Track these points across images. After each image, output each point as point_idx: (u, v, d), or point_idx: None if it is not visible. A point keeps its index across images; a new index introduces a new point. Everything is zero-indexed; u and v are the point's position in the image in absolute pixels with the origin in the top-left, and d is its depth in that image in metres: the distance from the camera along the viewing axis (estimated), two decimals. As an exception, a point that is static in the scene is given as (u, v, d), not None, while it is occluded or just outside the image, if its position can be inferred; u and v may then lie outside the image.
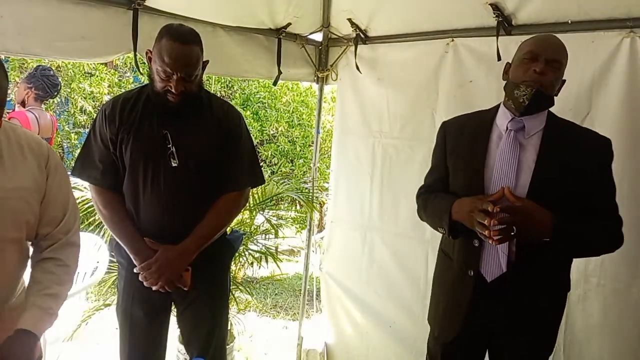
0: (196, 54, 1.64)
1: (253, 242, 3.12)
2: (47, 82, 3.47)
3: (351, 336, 2.97)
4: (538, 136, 1.52)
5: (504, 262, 1.51)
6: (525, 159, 1.50)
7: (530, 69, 1.47)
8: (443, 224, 1.57)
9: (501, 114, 1.60)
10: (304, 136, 6.01)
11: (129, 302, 1.82)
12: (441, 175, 1.71)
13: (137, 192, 1.73)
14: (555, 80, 1.50)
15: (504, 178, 1.49)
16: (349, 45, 2.80)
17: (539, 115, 1.53)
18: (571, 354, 2.15)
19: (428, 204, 1.70)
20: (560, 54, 1.50)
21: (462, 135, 1.65)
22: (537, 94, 1.46)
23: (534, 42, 1.53)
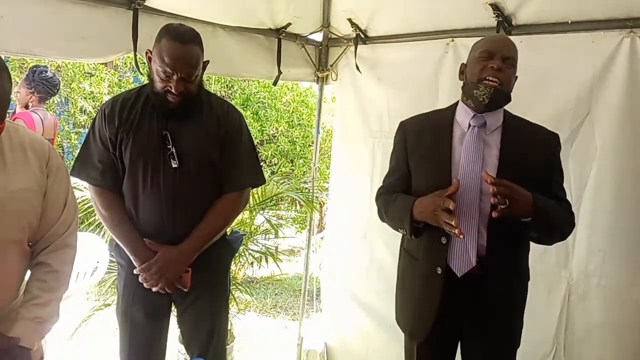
0: (196, 54, 1.64)
1: (253, 242, 3.12)
2: (47, 84, 3.48)
3: (351, 336, 2.96)
4: (498, 132, 1.59)
5: (473, 256, 1.54)
6: (488, 154, 1.56)
7: (487, 67, 1.53)
8: (404, 225, 1.58)
9: (461, 111, 1.64)
10: (304, 136, 6.01)
11: (129, 303, 1.82)
12: (403, 175, 1.72)
13: (136, 192, 1.73)
14: (511, 77, 1.55)
15: (470, 173, 1.54)
16: (349, 45, 2.80)
17: (497, 112, 1.60)
18: (571, 353, 2.15)
19: (389, 206, 1.70)
20: (513, 52, 1.57)
21: (423, 135, 1.68)
22: (496, 92, 1.52)
23: (489, 41, 1.60)
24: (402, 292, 1.79)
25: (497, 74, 1.51)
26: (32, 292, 1.37)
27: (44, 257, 1.41)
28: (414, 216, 1.54)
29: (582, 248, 2.08)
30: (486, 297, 1.57)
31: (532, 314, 2.21)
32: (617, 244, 2.00)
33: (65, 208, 1.43)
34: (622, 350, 2.03)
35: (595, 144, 2.02)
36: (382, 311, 2.78)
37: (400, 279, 1.80)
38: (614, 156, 1.98)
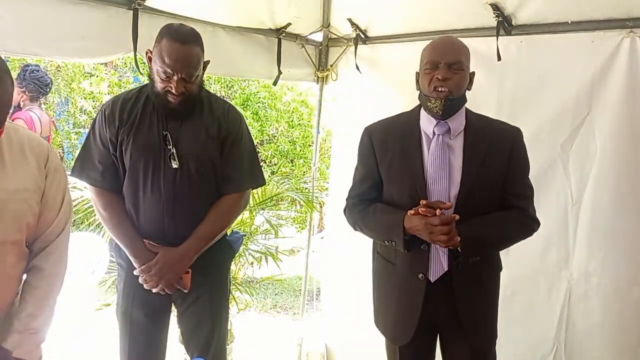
0: (197, 55, 1.64)
1: (253, 242, 3.12)
2: (38, 83, 3.48)
3: (351, 336, 2.96)
4: (461, 135, 1.61)
5: (445, 262, 1.57)
6: (454, 159, 1.58)
7: (433, 78, 1.54)
8: (394, 239, 1.58)
9: (424, 119, 1.65)
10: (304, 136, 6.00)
11: (129, 303, 1.82)
12: (374, 183, 1.71)
13: (136, 193, 1.73)
14: (461, 80, 1.56)
15: (438, 180, 1.57)
16: (349, 45, 2.80)
17: (459, 114, 1.61)
18: (572, 353, 2.15)
19: (368, 218, 1.69)
20: (459, 54, 1.56)
21: (390, 140, 1.68)
22: (447, 103, 1.54)
23: (431, 50, 1.59)
24: (380, 296, 1.79)
25: (443, 84, 1.52)
26: (25, 301, 1.37)
27: (38, 260, 1.40)
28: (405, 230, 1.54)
29: (582, 248, 2.08)
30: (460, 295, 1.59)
31: (532, 314, 2.22)
32: (617, 244, 2.00)
33: (62, 208, 1.43)
34: (622, 350, 2.03)
35: (595, 144, 2.02)
36: (382, 311, 2.78)
37: (377, 282, 1.80)
38: (614, 156, 1.98)
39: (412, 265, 1.61)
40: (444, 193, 1.56)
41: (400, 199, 1.62)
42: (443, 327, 1.69)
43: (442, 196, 1.56)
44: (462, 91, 1.58)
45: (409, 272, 1.62)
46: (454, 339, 1.69)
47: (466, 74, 1.58)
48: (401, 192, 1.63)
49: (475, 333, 1.64)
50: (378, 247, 1.78)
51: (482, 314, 1.66)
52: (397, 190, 1.65)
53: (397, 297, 1.68)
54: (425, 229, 1.47)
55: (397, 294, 1.68)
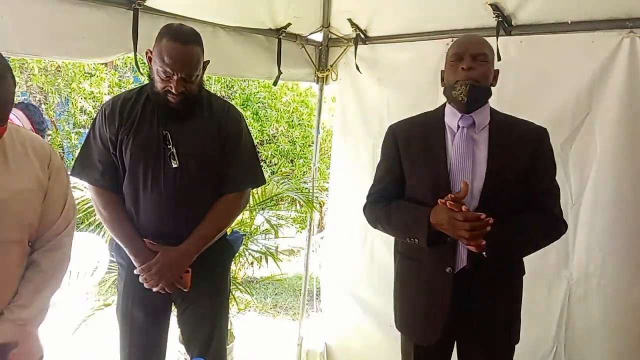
0: (197, 55, 1.64)
1: (253, 242, 3.12)
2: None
3: (351, 336, 2.96)
4: (486, 130, 1.60)
5: (465, 256, 1.56)
6: (478, 153, 1.57)
7: (458, 69, 1.56)
8: (418, 235, 1.57)
9: (449, 113, 1.65)
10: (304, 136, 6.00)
11: (129, 303, 1.82)
12: (395, 180, 1.71)
13: (137, 192, 1.73)
14: (486, 71, 1.57)
15: (462, 173, 1.56)
16: (349, 45, 2.80)
17: (484, 109, 1.61)
18: (572, 353, 2.15)
19: (392, 215, 1.67)
20: (483, 47, 1.58)
21: (414, 138, 1.68)
22: (472, 89, 1.54)
23: (456, 44, 1.62)
24: (404, 297, 1.75)
25: (468, 73, 1.54)
26: (19, 292, 1.37)
27: (37, 255, 1.41)
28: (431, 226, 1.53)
29: (582, 248, 2.08)
30: (478, 294, 1.57)
31: (532, 314, 2.21)
32: (617, 244, 2.00)
33: (64, 209, 1.43)
34: (622, 350, 2.03)
35: (595, 144, 2.02)
36: (382, 311, 2.77)
37: (399, 284, 1.77)
38: (614, 156, 1.98)
39: (439, 259, 1.59)
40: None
41: (423, 193, 1.60)
42: (461, 328, 1.64)
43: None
44: (487, 82, 1.58)
45: (435, 267, 1.60)
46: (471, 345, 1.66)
47: (491, 68, 1.59)
48: (424, 185, 1.62)
49: (490, 335, 1.61)
50: (399, 246, 1.75)
51: (501, 317, 1.62)
52: (419, 184, 1.64)
53: (424, 294, 1.65)
54: (449, 223, 1.46)
55: (424, 291, 1.65)
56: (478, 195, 1.53)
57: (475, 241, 1.44)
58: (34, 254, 1.41)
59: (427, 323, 1.66)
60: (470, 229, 1.42)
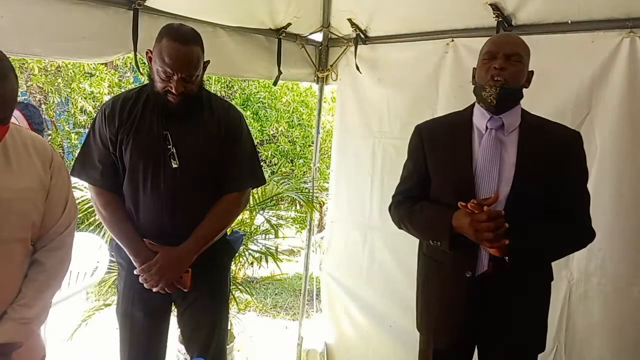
0: (197, 55, 1.64)
1: (253, 242, 3.12)
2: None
3: (351, 336, 2.96)
4: (516, 133, 1.56)
5: (486, 260, 1.54)
6: (506, 155, 1.53)
7: (490, 67, 1.52)
8: (440, 238, 1.55)
9: (478, 113, 1.61)
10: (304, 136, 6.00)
11: (129, 303, 1.82)
12: (421, 180, 1.69)
13: (137, 192, 1.73)
14: (518, 72, 1.53)
15: (488, 176, 1.53)
16: (349, 45, 2.80)
17: (514, 111, 1.57)
18: (572, 353, 2.15)
19: (414, 216, 1.66)
20: (518, 47, 1.54)
21: (441, 138, 1.66)
22: (502, 91, 1.50)
23: (491, 42, 1.58)
24: (426, 298, 1.75)
25: (500, 73, 1.49)
26: (22, 292, 1.37)
27: (40, 255, 1.41)
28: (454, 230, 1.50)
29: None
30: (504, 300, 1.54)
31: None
32: (617, 244, 2.00)
33: (66, 208, 1.44)
34: (622, 350, 2.03)
35: (595, 144, 2.02)
36: (382, 311, 2.78)
37: (422, 284, 1.77)
38: (613, 156, 1.98)
39: (460, 263, 1.57)
40: (493, 188, 1.51)
41: (447, 195, 1.58)
42: (481, 334, 1.63)
43: (490, 192, 1.50)
44: (518, 84, 1.54)
45: (456, 270, 1.58)
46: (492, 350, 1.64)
47: (524, 69, 1.55)
48: (448, 187, 1.60)
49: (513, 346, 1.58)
50: (424, 247, 1.74)
51: (524, 325, 1.58)
52: (443, 186, 1.62)
53: (443, 296, 1.64)
54: (471, 227, 1.43)
55: (443, 293, 1.64)
56: (504, 200, 1.49)
57: (499, 242, 1.40)
58: (36, 253, 1.41)
59: (443, 325, 1.65)
60: (495, 228, 1.39)
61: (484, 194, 1.51)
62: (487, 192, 1.51)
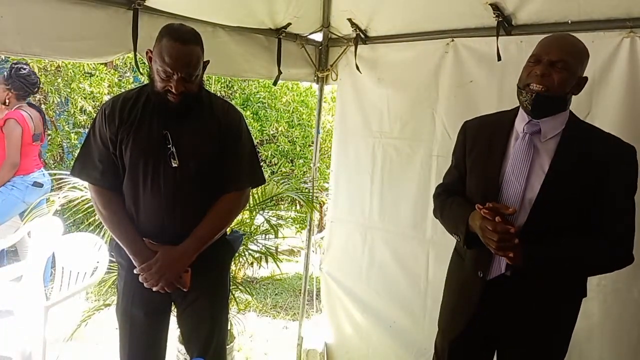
0: (196, 54, 1.64)
1: (253, 242, 3.11)
2: (24, 81, 3.46)
3: (351, 336, 2.96)
4: (555, 140, 1.50)
5: (503, 264, 1.53)
6: (538, 162, 1.49)
7: (532, 72, 1.48)
8: (459, 234, 1.59)
9: (520, 116, 1.58)
10: (304, 136, 5.99)
11: (129, 303, 1.82)
12: (460, 175, 1.72)
13: (137, 192, 1.73)
14: (561, 80, 1.45)
15: (515, 181, 1.50)
16: (349, 45, 2.80)
17: (558, 117, 1.51)
18: (571, 353, 2.13)
19: (445, 209, 1.70)
20: (565, 53, 1.47)
21: (481, 136, 1.65)
22: (537, 98, 1.46)
23: (540, 45, 1.53)
24: (446, 291, 1.80)
25: (540, 79, 1.45)
26: None
27: None
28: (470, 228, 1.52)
29: (582, 248, 2.08)
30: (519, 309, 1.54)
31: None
32: (617, 244, 2.00)
33: None
34: (622, 350, 2.03)
35: (595, 144, 2.02)
36: (382, 311, 2.78)
37: (447, 278, 1.81)
38: (614, 156, 1.98)
39: (475, 262, 1.60)
40: (518, 194, 1.48)
41: (476, 195, 1.59)
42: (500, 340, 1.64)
43: (514, 197, 1.48)
44: (561, 92, 1.47)
45: (472, 269, 1.61)
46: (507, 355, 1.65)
47: (571, 76, 1.47)
48: (477, 187, 1.61)
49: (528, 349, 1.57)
50: (456, 243, 1.76)
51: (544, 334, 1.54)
52: (473, 185, 1.64)
53: (457, 291, 1.70)
54: (481, 229, 1.45)
55: (458, 288, 1.70)
56: (529, 208, 1.46)
57: (503, 252, 1.41)
58: None
59: (452, 318, 1.70)
60: (497, 240, 1.39)
61: (508, 197, 1.49)
62: (512, 196, 1.49)
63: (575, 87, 1.51)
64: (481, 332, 1.64)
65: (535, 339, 1.56)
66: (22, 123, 3.38)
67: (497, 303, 1.56)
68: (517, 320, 1.55)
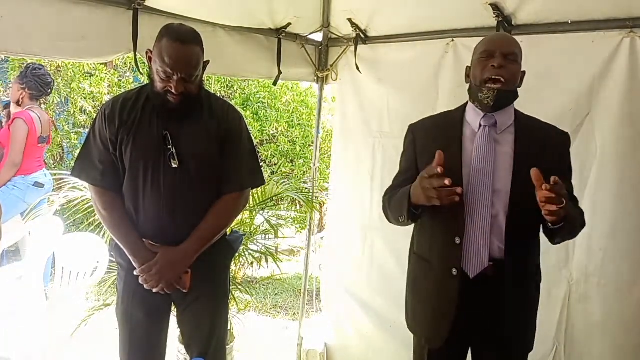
0: (196, 55, 1.64)
1: (253, 242, 3.11)
2: (39, 81, 3.46)
3: (351, 336, 2.96)
4: (510, 131, 1.58)
5: (485, 257, 1.53)
6: (502, 153, 1.55)
7: (488, 66, 1.53)
8: (403, 211, 1.56)
9: (471, 111, 1.63)
10: (304, 136, 5.99)
11: (129, 304, 1.82)
12: (412, 176, 1.68)
13: (137, 192, 1.73)
14: (515, 72, 1.54)
15: (481, 173, 1.53)
16: (349, 45, 2.80)
17: (508, 110, 1.59)
18: (572, 353, 2.15)
19: (392, 200, 1.69)
20: (514, 46, 1.56)
21: (432, 135, 1.67)
22: (500, 94, 1.52)
23: (487, 41, 1.60)
24: (415, 297, 1.76)
25: (499, 71, 1.51)
26: None
27: None
28: (411, 200, 1.52)
29: (582, 248, 2.08)
30: (501, 300, 1.55)
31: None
32: (617, 244, 2.00)
33: None
34: (622, 350, 2.03)
35: (595, 144, 2.02)
36: (382, 311, 2.78)
37: (411, 284, 1.77)
38: (614, 156, 1.98)
39: (446, 260, 1.58)
40: (487, 185, 1.52)
41: None
42: (476, 334, 1.64)
43: (484, 188, 1.52)
44: (515, 84, 1.56)
45: (443, 268, 1.59)
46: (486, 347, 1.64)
47: (519, 68, 1.57)
48: None
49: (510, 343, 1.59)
50: (415, 246, 1.76)
51: (519, 322, 1.60)
52: None
53: (432, 295, 1.65)
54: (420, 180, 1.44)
55: (432, 291, 1.65)
56: (507, 198, 1.51)
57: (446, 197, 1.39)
58: None
59: (435, 324, 1.65)
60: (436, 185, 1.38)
61: (476, 189, 1.53)
62: (481, 188, 1.53)
63: (520, 80, 1.59)
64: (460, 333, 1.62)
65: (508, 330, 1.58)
66: (29, 124, 3.39)
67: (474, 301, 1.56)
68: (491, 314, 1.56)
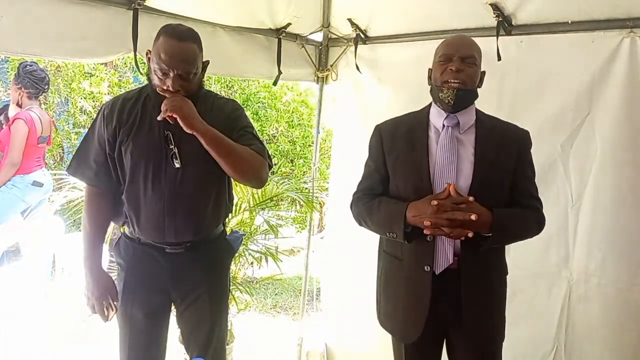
0: (193, 51, 1.62)
1: (253, 242, 3.11)
2: (32, 78, 3.46)
3: (351, 336, 2.96)
4: (471, 131, 1.63)
5: (450, 253, 1.58)
6: (464, 152, 1.60)
7: (447, 69, 1.58)
8: (395, 230, 1.59)
9: (434, 112, 1.68)
10: (304, 136, 6.00)
11: (129, 303, 1.82)
12: (380, 178, 1.74)
13: (138, 193, 1.72)
14: (473, 74, 1.59)
15: (445, 172, 1.58)
16: (349, 45, 2.80)
17: (469, 110, 1.64)
18: (572, 353, 2.15)
19: (373, 211, 1.69)
20: (472, 49, 1.60)
21: (398, 136, 1.71)
22: (458, 93, 1.57)
23: (446, 45, 1.64)
24: (387, 296, 1.77)
25: (457, 75, 1.56)
26: None
27: None
28: (407, 220, 1.55)
29: (582, 248, 2.08)
30: (467, 293, 1.59)
31: (532, 314, 2.22)
32: (617, 244, 2.00)
33: None
34: (622, 350, 2.03)
35: (595, 144, 2.02)
36: (382, 311, 2.78)
37: (383, 282, 1.79)
38: (614, 156, 1.98)
39: (418, 258, 1.62)
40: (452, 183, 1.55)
41: (405, 191, 1.64)
42: (449, 328, 1.68)
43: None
44: (473, 85, 1.61)
45: (415, 266, 1.62)
46: (460, 343, 1.68)
47: (478, 70, 1.62)
48: (406, 184, 1.65)
49: (478, 333, 1.63)
50: (384, 245, 1.78)
51: (487, 313, 1.65)
52: (402, 183, 1.67)
53: (405, 292, 1.68)
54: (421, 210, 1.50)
55: (405, 289, 1.68)
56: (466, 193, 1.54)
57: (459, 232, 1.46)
58: None
59: (408, 321, 1.68)
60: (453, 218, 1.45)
61: (441, 187, 1.56)
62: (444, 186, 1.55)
63: (480, 81, 1.64)
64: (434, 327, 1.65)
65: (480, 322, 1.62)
66: (29, 124, 3.39)
67: (446, 295, 1.59)
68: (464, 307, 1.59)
